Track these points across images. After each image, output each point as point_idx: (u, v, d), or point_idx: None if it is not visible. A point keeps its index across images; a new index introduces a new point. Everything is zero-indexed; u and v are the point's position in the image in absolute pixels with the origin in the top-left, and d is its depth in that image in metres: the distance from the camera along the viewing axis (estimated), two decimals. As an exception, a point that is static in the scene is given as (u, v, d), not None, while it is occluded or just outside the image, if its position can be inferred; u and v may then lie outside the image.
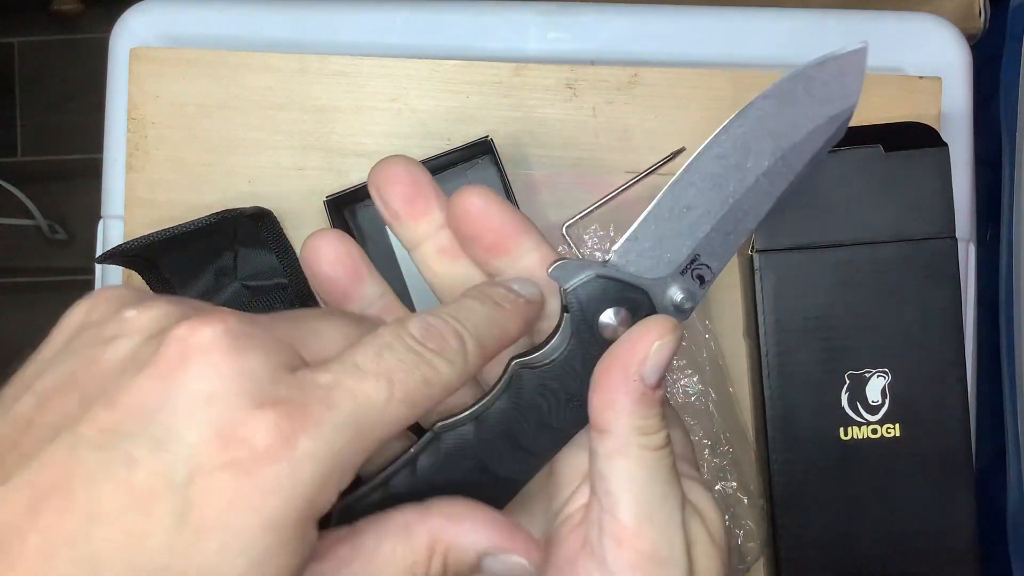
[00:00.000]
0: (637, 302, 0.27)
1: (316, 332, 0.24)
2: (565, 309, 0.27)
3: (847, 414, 0.45)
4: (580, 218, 0.51)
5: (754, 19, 0.53)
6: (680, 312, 0.27)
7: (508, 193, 0.49)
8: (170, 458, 0.19)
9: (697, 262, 0.27)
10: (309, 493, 0.20)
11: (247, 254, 0.50)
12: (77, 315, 0.24)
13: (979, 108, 0.53)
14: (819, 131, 0.26)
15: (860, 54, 0.27)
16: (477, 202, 0.28)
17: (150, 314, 0.22)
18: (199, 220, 0.47)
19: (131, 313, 0.22)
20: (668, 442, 0.26)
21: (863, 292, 0.45)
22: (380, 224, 0.50)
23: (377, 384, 0.22)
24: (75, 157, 1.32)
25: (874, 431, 0.45)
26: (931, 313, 0.45)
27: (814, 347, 0.45)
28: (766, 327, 0.45)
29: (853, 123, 0.49)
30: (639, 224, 0.27)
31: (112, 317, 0.23)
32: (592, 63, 0.52)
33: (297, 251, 0.51)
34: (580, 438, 0.27)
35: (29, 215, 1.26)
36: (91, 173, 0.58)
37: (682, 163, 0.28)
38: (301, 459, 0.20)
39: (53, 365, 0.22)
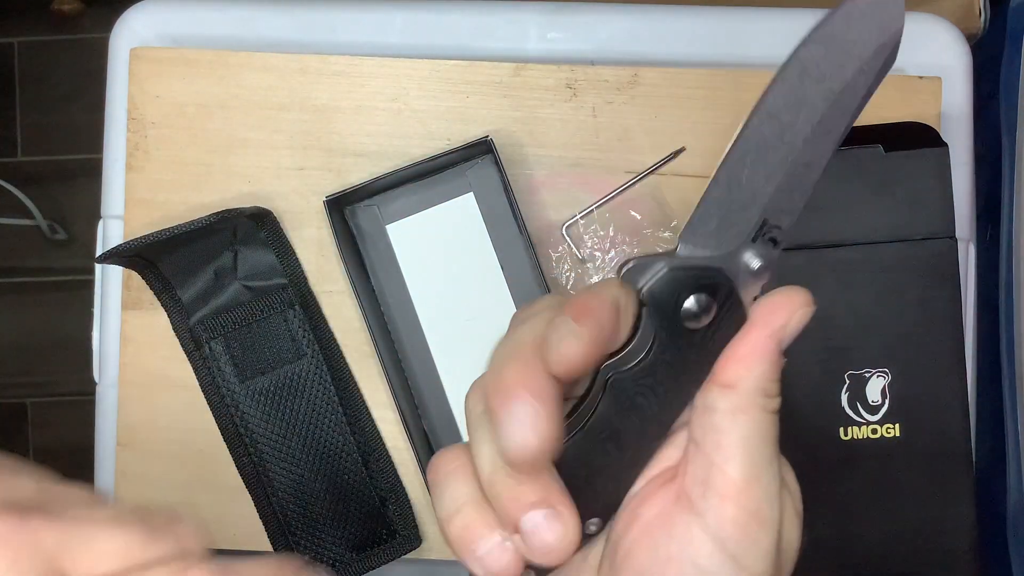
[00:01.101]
0: (715, 283, 0.26)
1: (89, 542, 0.22)
2: (641, 307, 0.26)
3: (847, 414, 0.45)
4: (580, 218, 0.51)
5: (754, 19, 0.53)
6: (757, 277, 0.27)
7: (508, 193, 0.49)
8: None
9: (767, 226, 0.27)
10: None
11: (247, 254, 0.50)
12: None
13: (979, 108, 0.53)
14: (868, 65, 0.26)
15: None
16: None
17: None
18: (199, 220, 0.47)
19: None
20: (776, 406, 0.27)
21: (863, 292, 0.45)
22: (380, 224, 0.50)
23: None
24: (75, 157, 1.32)
25: (874, 431, 0.45)
26: (931, 313, 0.45)
27: (814, 347, 0.45)
28: (766, 327, 0.45)
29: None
30: (700, 206, 0.26)
31: None
32: (592, 63, 0.52)
33: (297, 251, 0.51)
34: None
35: (29, 215, 1.26)
36: (91, 173, 0.58)
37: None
38: None
39: None
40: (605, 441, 0.27)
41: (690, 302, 0.26)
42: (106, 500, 0.23)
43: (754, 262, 0.26)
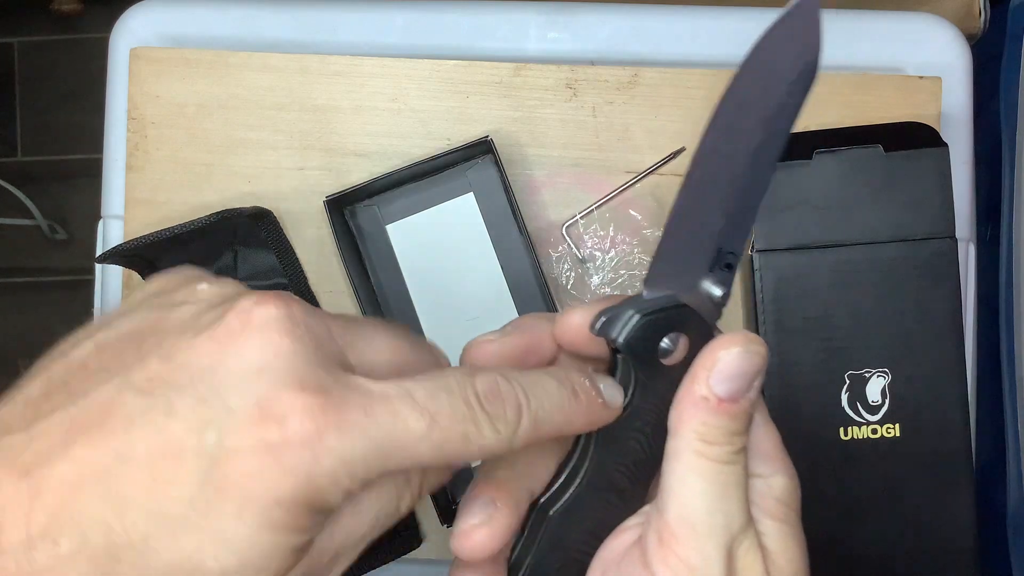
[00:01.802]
0: (683, 319, 0.27)
1: (368, 340, 0.24)
2: (615, 354, 0.27)
3: (847, 414, 0.45)
4: (580, 218, 0.51)
5: (754, 19, 0.53)
6: (718, 305, 0.27)
7: (508, 193, 0.49)
8: (209, 417, 0.20)
9: (722, 253, 0.27)
10: (322, 484, 0.20)
11: (247, 254, 0.50)
12: (152, 286, 0.25)
13: (979, 108, 0.53)
14: (794, 86, 0.27)
15: (809, 4, 0.27)
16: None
17: (220, 288, 0.23)
18: (199, 220, 0.47)
19: (203, 286, 0.23)
20: (735, 459, 0.26)
21: (863, 292, 0.45)
22: (380, 224, 0.50)
23: (420, 418, 0.22)
24: (75, 157, 1.32)
25: (874, 431, 0.45)
26: (931, 313, 0.45)
27: (814, 347, 0.45)
28: (766, 327, 0.45)
29: (853, 123, 0.49)
30: (659, 248, 0.27)
31: (184, 287, 0.24)
32: (592, 63, 0.52)
33: (297, 251, 0.51)
34: None
35: (29, 215, 1.26)
36: (91, 173, 0.58)
37: (683, 165, 0.28)
38: (324, 453, 0.20)
39: (118, 321, 0.23)
40: (605, 492, 0.27)
41: (665, 342, 0.27)
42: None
43: (715, 291, 0.27)
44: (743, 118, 0.27)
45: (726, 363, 0.26)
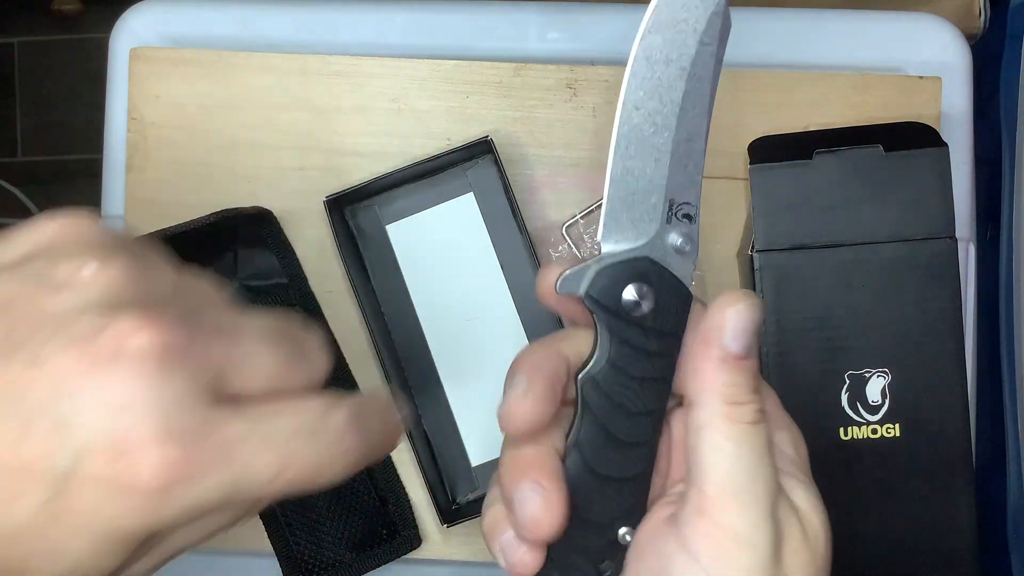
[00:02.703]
0: (645, 270, 0.27)
1: (251, 357, 0.23)
2: (592, 314, 0.27)
3: (847, 414, 0.45)
4: (580, 218, 0.51)
5: (754, 19, 0.53)
6: (683, 254, 0.28)
7: (508, 193, 0.49)
8: (64, 444, 0.20)
9: (676, 204, 0.28)
10: (163, 522, 0.21)
11: (247, 254, 0.50)
12: (44, 234, 0.23)
13: (979, 108, 0.53)
14: (707, 35, 0.28)
15: None
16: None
17: (107, 278, 0.22)
18: (199, 220, 0.47)
19: (91, 268, 0.22)
20: (760, 418, 0.26)
21: (863, 292, 0.45)
22: (380, 224, 0.50)
23: (274, 463, 0.22)
24: (75, 157, 1.32)
25: (874, 431, 0.45)
26: (931, 313, 0.45)
27: (814, 347, 0.45)
28: (766, 327, 0.45)
29: (853, 123, 0.49)
30: (605, 206, 0.28)
31: (73, 257, 0.22)
32: (592, 63, 0.52)
33: (297, 251, 0.51)
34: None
35: (29, 215, 1.26)
36: (91, 173, 0.58)
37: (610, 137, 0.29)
38: (172, 500, 0.20)
39: None
40: (603, 448, 0.27)
41: (628, 293, 0.27)
42: (235, 300, 0.25)
43: (676, 240, 0.28)
44: (661, 72, 0.28)
45: (738, 319, 0.26)
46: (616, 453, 0.27)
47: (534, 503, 0.26)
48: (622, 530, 0.28)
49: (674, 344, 0.28)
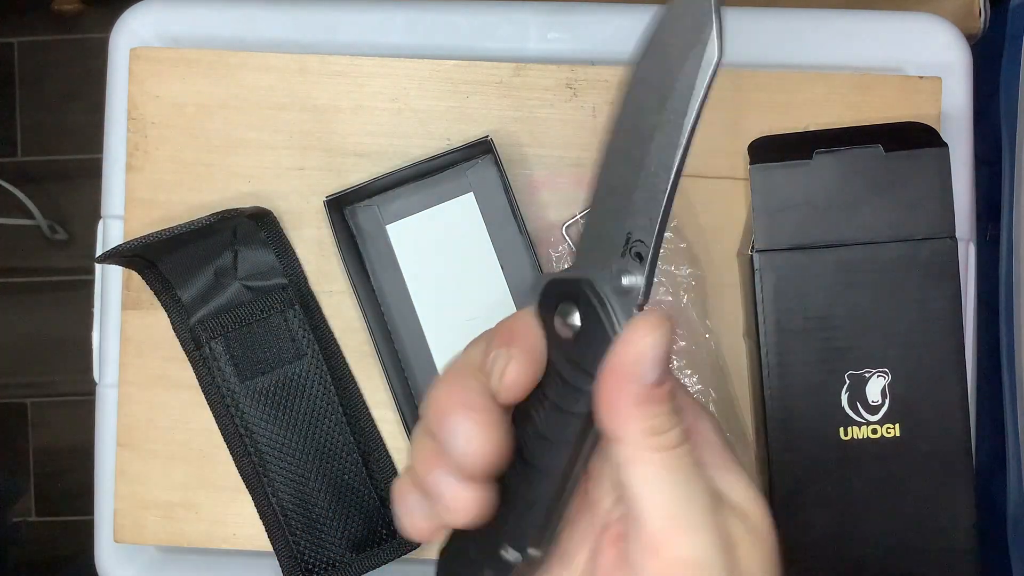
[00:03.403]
0: (580, 295, 0.26)
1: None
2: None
3: (847, 414, 0.45)
4: (580, 218, 0.51)
5: (754, 19, 0.53)
6: (624, 295, 0.26)
7: (508, 193, 0.49)
8: None
9: (631, 240, 0.26)
10: None
11: (247, 254, 0.50)
12: None
13: (979, 108, 0.53)
14: (689, 67, 0.25)
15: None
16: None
17: None
18: (199, 220, 0.47)
19: None
20: (684, 439, 0.25)
21: (863, 292, 0.45)
22: (380, 224, 0.50)
23: None
24: (75, 157, 1.32)
25: (874, 431, 0.45)
26: (931, 313, 0.45)
27: (814, 347, 0.45)
28: (766, 327, 0.45)
29: (853, 123, 0.49)
30: (584, 219, 0.27)
31: None
32: (592, 63, 0.52)
33: (297, 251, 0.51)
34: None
35: (29, 215, 1.26)
36: (91, 173, 0.58)
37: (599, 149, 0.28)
38: None
39: None
40: (524, 464, 0.27)
41: (559, 310, 0.26)
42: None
43: (619, 277, 0.26)
44: (644, 96, 0.26)
45: (654, 351, 0.24)
46: (521, 469, 0.27)
47: (468, 428, 0.25)
48: (509, 552, 0.27)
49: (591, 382, 0.26)
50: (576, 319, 0.26)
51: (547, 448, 0.26)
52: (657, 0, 0.27)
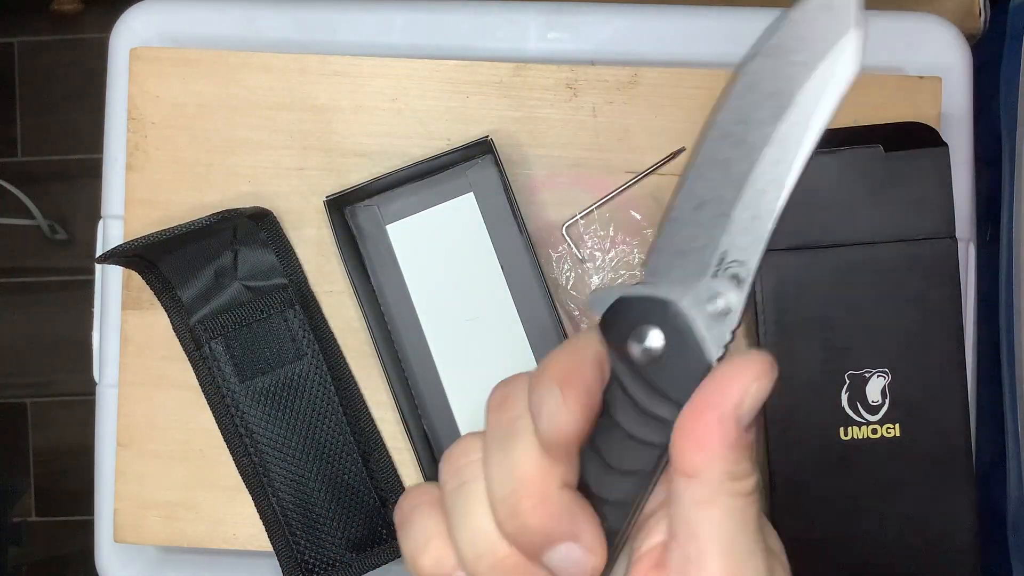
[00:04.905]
0: (665, 317, 0.24)
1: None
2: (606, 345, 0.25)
3: (847, 414, 0.45)
4: (580, 218, 0.51)
5: (754, 19, 0.53)
6: (719, 320, 0.24)
7: (508, 193, 0.49)
8: None
9: (727, 260, 0.24)
10: None
11: (247, 254, 0.50)
12: None
13: (979, 108, 0.53)
14: (819, 77, 0.23)
15: None
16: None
17: None
18: (199, 220, 0.47)
19: None
20: (757, 488, 0.24)
21: (863, 292, 0.45)
22: (380, 224, 0.50)
23: None
24: (75, 157, 1.32)
25: (874, 431, 0.45)
26: (931, 313, 0.45)
27: (814, 347, 0.45)
28: (766, 327, 0.45)
29: (853, 123, 0.49)
30: (660, 232, 0.24)
31: None
32: (592, 63, 0.52)
33: (297, 251, 0.51)
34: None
35: (29, 215, 1.26)
36: (91, 173, 0.58)
37: (683, 165, 0.26)
38: None
39: None
40: (591, 497, 0.25)
41: (635, 334, 0.24)
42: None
43: (711, 300, 0.24)
44: (756, 105, 0.23)
45: (757, 395, 0.23)
46: (604, 490, 0.25)
47: (555, 398, 0.23)
48: None
49: (674, 412, 0.24)
50: (656, 341, 0.24)
51: (617, 480, 0.25)
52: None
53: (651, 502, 0.26)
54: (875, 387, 0.45)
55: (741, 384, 0.23)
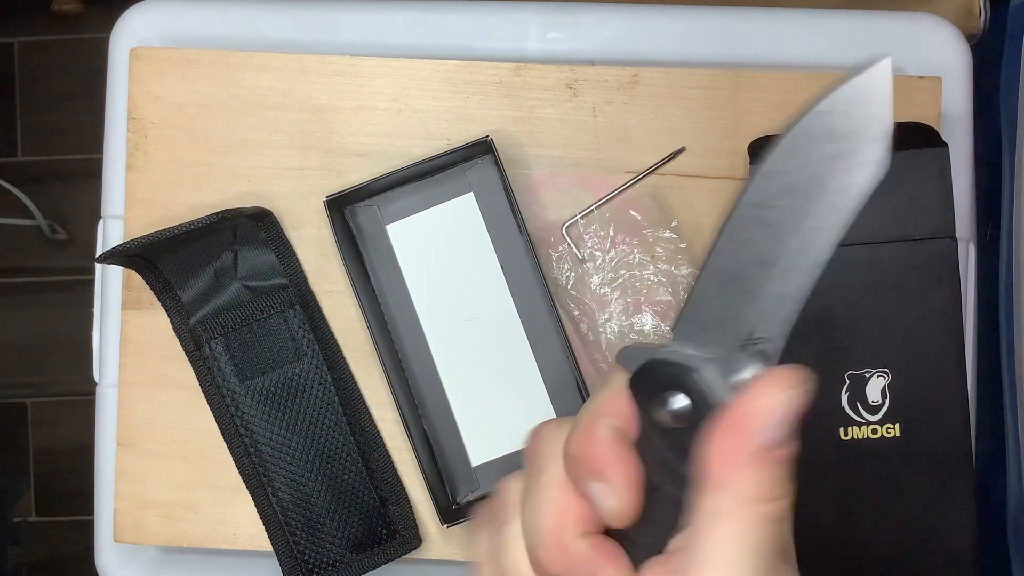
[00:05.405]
0: (692, 386, 0.24)
1: None
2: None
3: (847, 414, 0.45)
4: (580, 218, 0.51)
5: (754, 19, 0.53)
6: (738, 391, 0.24)
7: (508, 193, 0.49)
8: None
9: (754, 336, 0.24)
10: None
11: (247, 254, 0.50)
12: None
13: (979, 108, 0.53)
14: (846, 173, 0.23)
15: (881, 70, 0.22)
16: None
17: None
18: (199, 220, 0.47)
19: None
20: (786, 516, 0.23)
21: (863, 292, 0.45)
22: (380, 224, 0.50)
23: None
24: (75, 157, 1.32)
25: (874, 431, 0.45)
26: (931, 313, 0.45)
27: (814, 347, 0.45)
28: (766, 327, 0.45)
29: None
30: (692, 297, 0.24)
31: None
32: (592, 63, 0.52)
33: (297, 251, 0.51)
34: None
35: (29, 215, 1.26)
36: (91, 173, 0.58)
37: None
38: None
39: None
40: (627, 542, 0.25)
41: (661, 399, 0.24)
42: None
43: (737, 370, 0.24)
44: (782, 195, 0.23)
45: (784, 409, 0.23)
46: (626, 547, 0.25)
47: (608, 495, 0.24)
48: None
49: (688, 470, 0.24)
50: (683, 405, 0.24)
51: (643, 525, 0.25)
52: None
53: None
54: (875, 387, 0.45)
55: (772, 394, 0.23)
